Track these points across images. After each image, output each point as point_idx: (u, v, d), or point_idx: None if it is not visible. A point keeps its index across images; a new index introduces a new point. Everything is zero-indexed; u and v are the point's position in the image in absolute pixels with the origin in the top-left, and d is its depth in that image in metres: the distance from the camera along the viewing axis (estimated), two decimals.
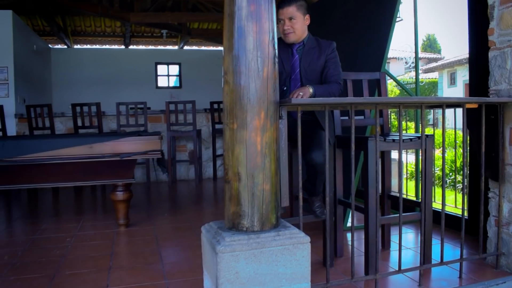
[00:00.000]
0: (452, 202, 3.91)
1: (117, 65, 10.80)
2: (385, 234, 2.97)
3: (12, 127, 6.31)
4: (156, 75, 11.27)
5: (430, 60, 29.28)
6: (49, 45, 10.39)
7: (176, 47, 11.69)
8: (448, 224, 3.30)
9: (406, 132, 6.98)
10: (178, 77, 11.42)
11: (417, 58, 3.71)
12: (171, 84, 11.47)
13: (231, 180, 1.82)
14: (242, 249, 1.71)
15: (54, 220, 4.15)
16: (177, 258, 2.91)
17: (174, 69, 11.38)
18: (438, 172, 5.37)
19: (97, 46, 11.41)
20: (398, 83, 3.74)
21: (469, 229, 3.08)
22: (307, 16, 2.64)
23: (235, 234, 1.77)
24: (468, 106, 2.37)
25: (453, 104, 2.51)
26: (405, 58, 20.48)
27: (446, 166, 7.16)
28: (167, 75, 11.42)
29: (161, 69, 11.32)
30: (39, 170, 3.49)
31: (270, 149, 1.80)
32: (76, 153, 3.41)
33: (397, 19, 5.03)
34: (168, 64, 11.33)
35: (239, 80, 1.75)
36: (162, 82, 11.38)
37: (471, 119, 2.63)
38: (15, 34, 6.83)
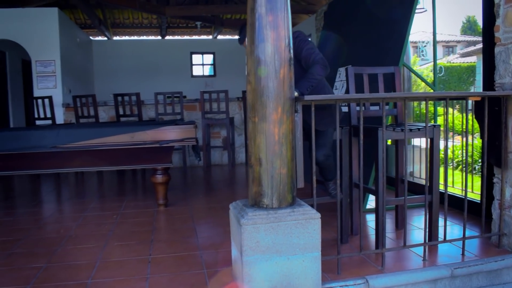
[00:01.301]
0: (469, 187, 4.09)
1: (154, 55, 11.28)
2: (398, 215, 3.24)
3: (60, 116, 6.87)
4: (191, 64, 11.69)
5: (469, 44, 28.48)
6: (91, 37, 10.96)
7: (210, 37, 12.06)
8: (462, 208, 3.53)
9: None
10: (212, 66, 11.80)
11: (435, 50, 3.89)
12: (206, 73, 11.87)
13: (253, 165, 2.15)
14: (262, 222, 2.05)
15: (101, 200, 4.61)
16: (210, 233, 3.29)
17: (209, 58, 11.76)
18: (463, 159, 5.51)
19: (135, 38, 11.92)
20: (416, 74, 3.94)
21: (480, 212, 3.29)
22: None
23: (256, 210, 2.11)
24: (471, 99, 2.59)
25: (457, 97, 2.74)
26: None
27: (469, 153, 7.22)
28: (201, 64, 11.82)
29: (196, 58, 11.73)
30: (87, 155, 3.93)
31: (286, 139, 2.11)
32: (121, 140, 3.82)
33: (421, 10, 5.20)
34: (202, 53, 11.72)
35: (259, 80, 2.07)
36: (197, 71, 11.79)
37: (479, 111, 2.85)
38: (60, 30, 7.36)
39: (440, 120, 9.32)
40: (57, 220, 3.85)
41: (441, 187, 4.04)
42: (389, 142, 4.55)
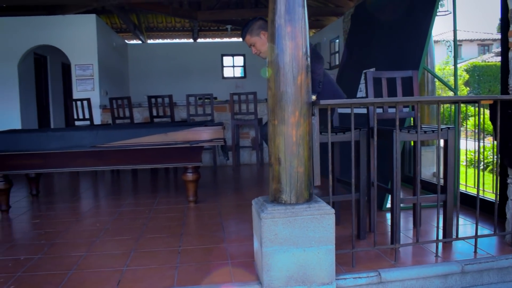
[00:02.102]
0: (489, 187, 4.15)
1: (186, 57, 11.62)
2: (415, 213, 3.35)
3: (97, 117, 7.25)
4: (222, 66, 11.96)
5: None
6: (126, 41, 11.40)
7: (240, 39, 12.28)
8: (481, 208, 3.61)
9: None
10: (242, 67, 12.04)
11: (455, 54, 3.96)
12: (237, 75, 12.12)
13: (273, 164, 2.35)
14: (280, 216, 2.24)
15: (135, 196, 4.90)
16: (236, 228, 3.50)
17: (239, 60, 12.01)
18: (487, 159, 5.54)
19: (168, 41, 12.31)
20: (437, 78, 4.02)
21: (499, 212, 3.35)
22: (263, 32, 3.06)
23: (275, 205, 2.30)
24: (483, 102, 2.71)
25: (469, 101, 2.85)
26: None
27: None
28: (232, 66, 12.08)
29: (227, 60, 12.00)
30: (123, 154, 4.21)
31: (303, 140, 2.30)
32: (154, 140, 4.08)
33: (445, 13, 5.25)
34: (233, 55, 11.98)
35: (279, 87, 2.26)
36: (227, 72, 12.06)
37: (493, 113, 2.94)
38: (98, 35, 7.76)
39: (471, 121, 9.24)
40: (95, 215, 4.14)
41: (463, 188, 4.12)
42: (412, 143, 4.64)
